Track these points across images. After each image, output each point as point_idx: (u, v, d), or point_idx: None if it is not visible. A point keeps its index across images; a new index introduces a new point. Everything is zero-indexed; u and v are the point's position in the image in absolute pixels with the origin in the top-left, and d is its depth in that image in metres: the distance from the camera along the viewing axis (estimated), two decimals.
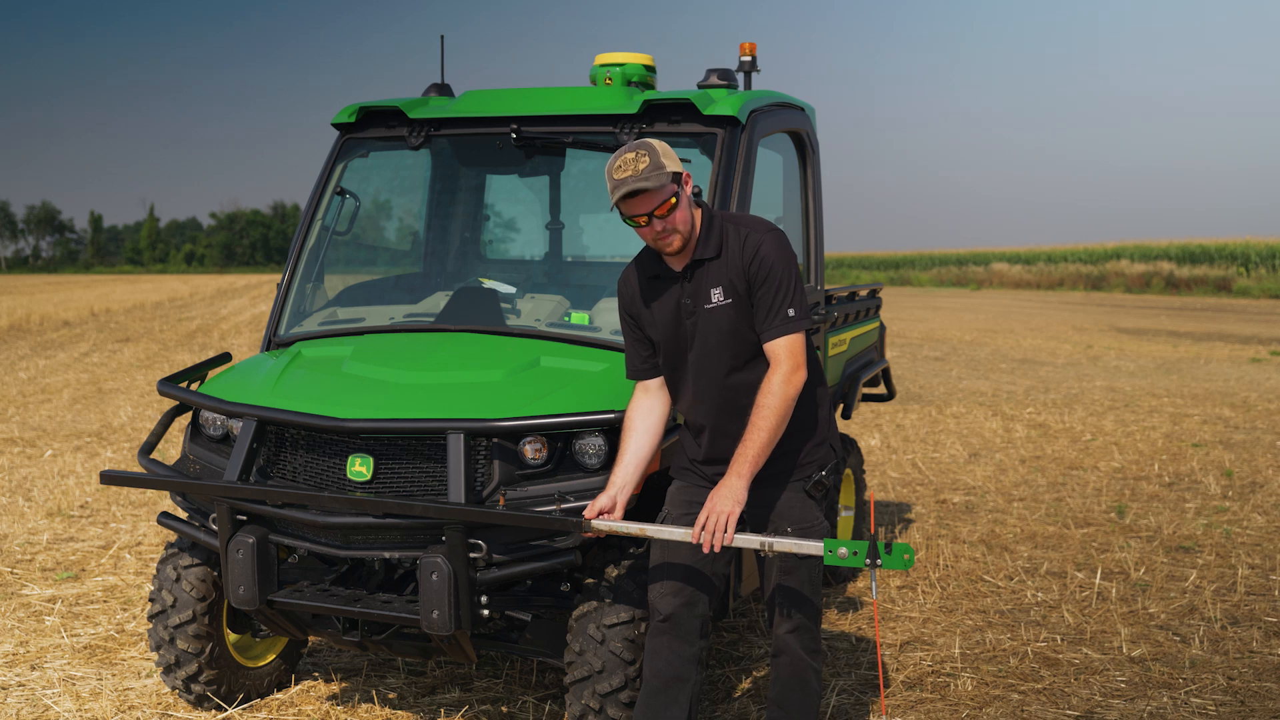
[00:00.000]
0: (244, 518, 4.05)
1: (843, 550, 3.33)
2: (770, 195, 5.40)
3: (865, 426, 11.87)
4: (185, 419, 10.58)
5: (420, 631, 3.98)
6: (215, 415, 4.38)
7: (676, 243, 3.54)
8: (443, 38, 5.67)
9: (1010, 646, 5.39)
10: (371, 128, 5.16)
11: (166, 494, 8.02)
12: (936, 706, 4.70)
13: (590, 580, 4.04)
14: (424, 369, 4.31)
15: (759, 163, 4.90)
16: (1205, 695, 4.82)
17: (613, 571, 4.02)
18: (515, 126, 4.86)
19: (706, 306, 3.58)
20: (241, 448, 4.08)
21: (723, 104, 4.70)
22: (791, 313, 3.53)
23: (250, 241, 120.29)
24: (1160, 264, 50.95)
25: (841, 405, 6.14)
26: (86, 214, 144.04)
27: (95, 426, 11.78)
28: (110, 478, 4.16)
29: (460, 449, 3.83)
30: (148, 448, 4.47)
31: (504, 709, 4.64)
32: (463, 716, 4.57)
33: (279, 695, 4.79)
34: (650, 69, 5.26)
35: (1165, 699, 4.77)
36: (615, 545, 4.10)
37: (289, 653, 4.87)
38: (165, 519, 4.36)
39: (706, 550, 3.41)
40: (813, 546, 3.37)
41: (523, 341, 4.54)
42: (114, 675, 5.01)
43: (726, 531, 3.38)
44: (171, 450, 9.93)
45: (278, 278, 25.45)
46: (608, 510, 3.60)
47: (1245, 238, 50.56)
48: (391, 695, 4.80)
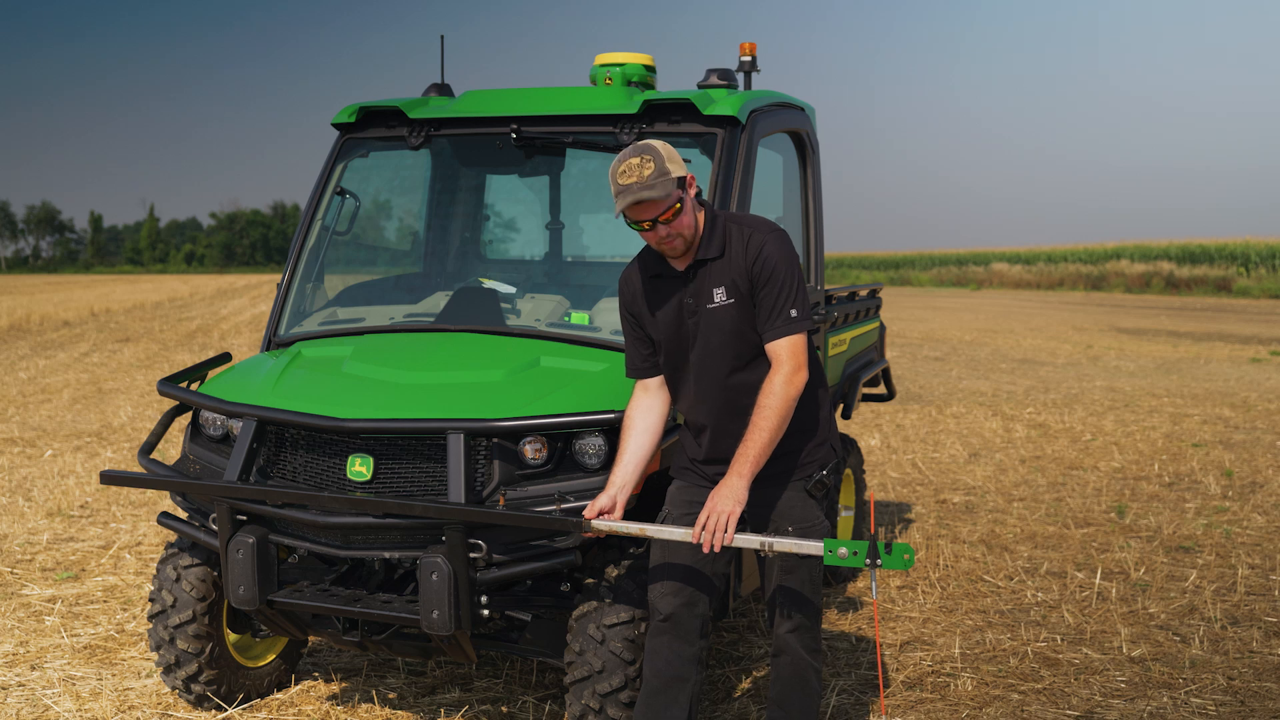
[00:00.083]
0: (244, 518, 4.05)
1: (843, 550, 3.33)
2: (770, 195, 5.40)
3: (865, 426, 11.87)
4: (185, 419, 10.58)
5: (420, 631, 3.98)
6: (215, 415, 4.38)
7: (681, 246, 3.54)
8: (443, 38, 5.67)
9: (1010, 646, 5.39)
10: (371, 128, 5.16)
11: (166, 494, 8.02)
12: (936, 706, 4.70)
13: (590, 580, 4.04)
14: (424, 369, 4.31)
15: (759, 163, 4.90)
16: (1205, 695, 4.82)
17: (613, 571, 4.02)
18: (515, 126, 4.86)
19: (709, 306, 3.58)
20: (241, 448, 4.08)
21: (723, 104, 4.70)
22: (794, 313, 3.53)
23: (250, 241, 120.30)
24: (1160, 264, 50.96)
25: (841, 405, 6.14)
26: (86, 214, 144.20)
27: (95, 426, 11.78)
28: (110, 478, 4.16)
29: (460, 449, 3.83)
30: (148, 448, 4.47)
31: (504, 709, 4.64)
32: (463, 716, 4.57)
33: (279, 695, 4.79)
34: (650, 69, 5.27)
35: (1165, 699, 4.77)
36: (615, 545, 4.10)
37: (289, 653, 4.87)
38: (165, 519, 4.37)
39: (706, 550, 3.41)
40: (813, 546, 3.37)
41: (523, 341, 4.54)
42: (114, 675, 5.01)
43: (727, 531, 3.38)
44: (171, 450, 9.93)
45: (278, 278, 25.46)
46: (608, 510, 3.59)
47: (1245, 238, 50.59)
48: (391, 695, 4.80)
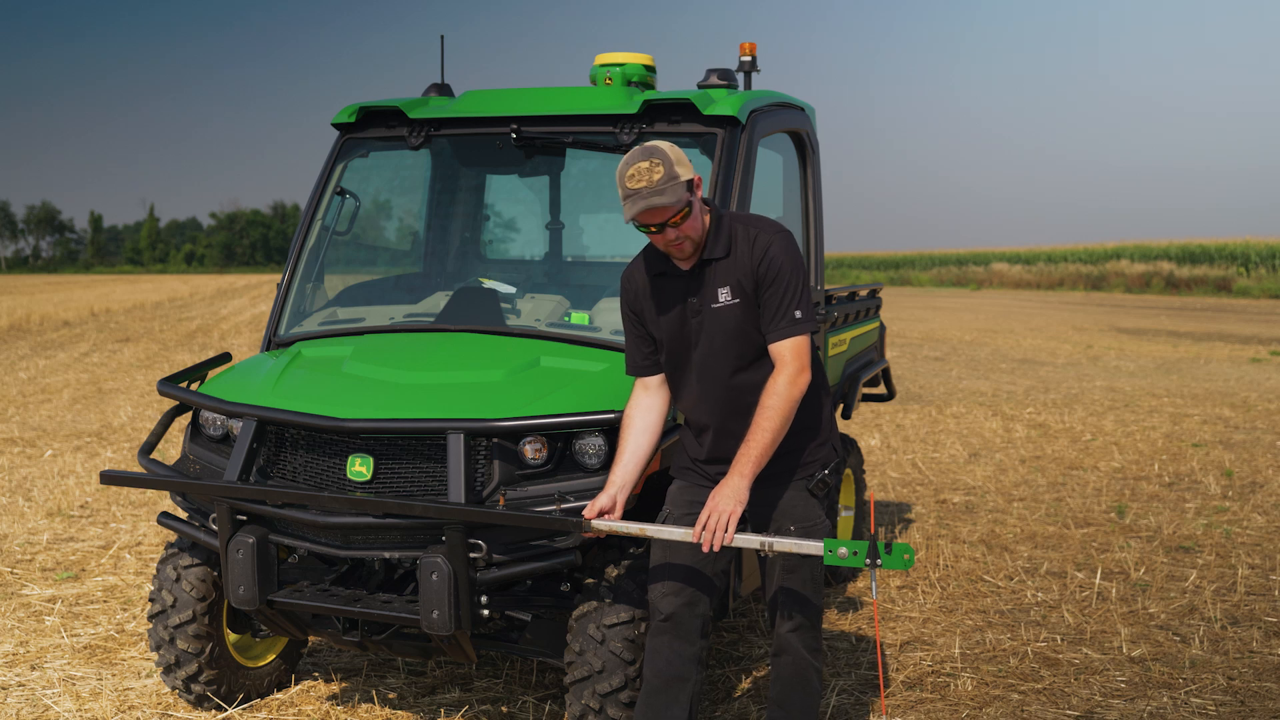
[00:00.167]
0: (244, 518, 4.05)
1: (843, 550, 3.33)
2: (770, 195, 5.40)
3: (865, 426, 11.87)
4: (185, 419, 10.58)
5: (420, 631, 3.97)
6: (215, 415, 4.38)
7: (689, 248, 3.54)
8: (443, 38, 5.67)
9: (1010, 646, 5.39)
10: (371, 128, 5.16)
11: (166, 494, 8.02)
12: (936, 706, 4.70)
13: (590, 580, 4.04)
14: (424, 369, 4.31)
15: (759, 163, 4.90)
16: (1205, 695, 4.82)
17: (613, 571, 4.02)
18: (515, 126, 4.86)
19: (713, 306, 3.57)
20: (241, 448, 4.08)
21: (723, 104, 4.70)
22: (798, 314, 3.52)
23: (250, 241, 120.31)
24: (1160, 264, 50.96)
25: (841, 405, 6.14)
26: (86, 214, 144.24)
27: (95, 426, 11.78)
28: (110, 478, 4.16)
29: (460, 449, 3.83)
30: (148, 448, 4.47)
31: (504, 709, 4.64)
32: (463, 716, 4.57)
33: (279, 695, 4.79)
34: (650, 69, 5.26)
35: (1165, 699, 4.77)
36: (615, 545, 4.10)
37: (289, 653, 4.87)
38: (165, 519, 4.37)
39: (706, 549, 3.41)
40: (813, 546, 3.36)
41: (523, 341, 4.54)
42: (114, 675, 5.01)
43: (727, 531, 3.38)
44: (171, 450, 9.93)
45: (278, 278, 25.47)
46: (607, 510, 3.59)
47: (1245, 238, 50.59)
48: (391, 695, 4.80)
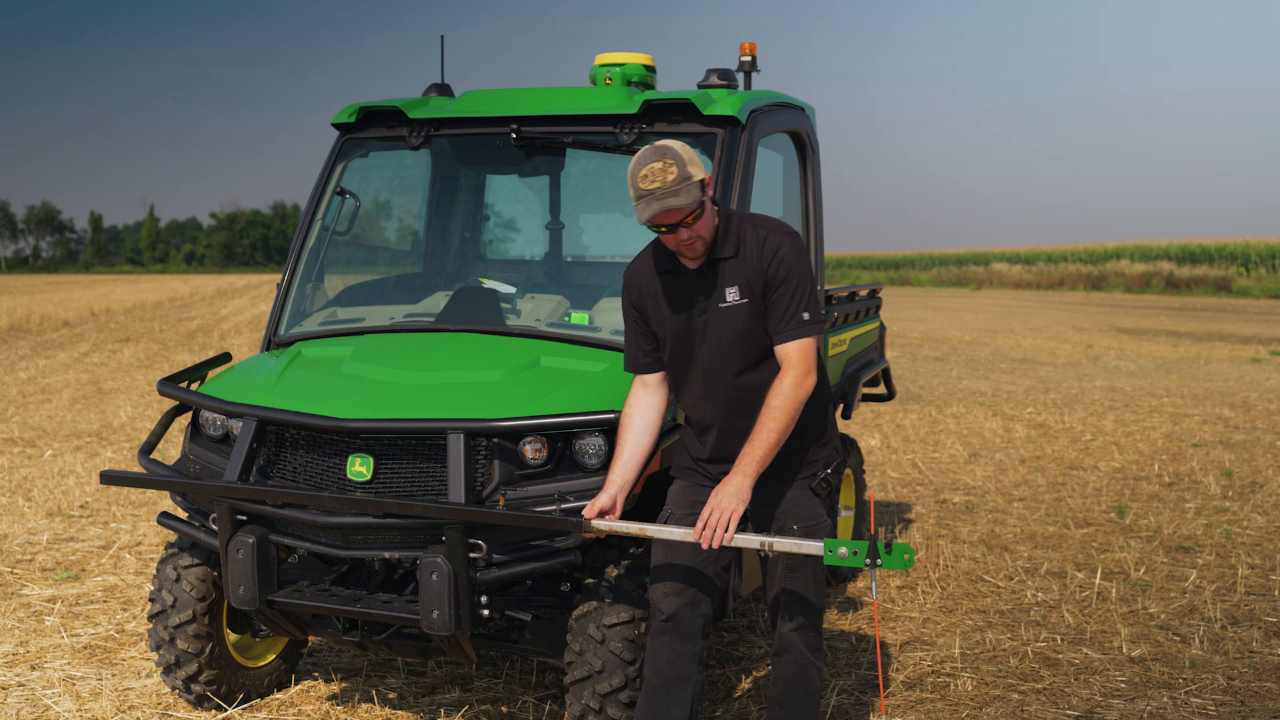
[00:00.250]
0: (244, 518, 4.05)
1: (843, 550, 3.33)
2: (770, 195, 5.40)
3: (865, 426, 11.87)
4: (185, 419, 10.58)
5: (420, 631, 3.97)
6: (215, 415, 4.38)
7: (701, 248, 3.53)
8: (443, 38, 5.67)
9: (1010, 646, 5.39)
10: (371, 128, 5.16)
11: (166, 494, 8.02)
12: (936, 706, 4.70)
13: (590, 580, 4.04)
14: (424, 369, 4.31)
15: (759, 163, 4.90)
16: (1205, 695, 4.82)
17: (613, 571, 4.02)
18: (515, 126, 4.86)
19: (721, 305, 3.56)
20: (241, 448, 4.08)
21: (723, 104, 4.70)
22: (806, 316, 3.52)
23: (250, 241, 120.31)
24: (1160, 264, 50.95)
25: (841, 405, 6.14)
26: (86, 214, 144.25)
27: (95, 426, 11.78)
28: (110, 478, 4.16)
29: (460, 449, 3.83)
30: (148, 448, 4.47)
31: (504, 709, 4.64)
32: (463, 716, 4.57)
33: (279, 695, 4.79)
34: (650, 69, 5.26)
35: (1165, 699, 4.77)
36: (615, 545, 4.10)
37: (289, 653, 4.87)
38: (165, 519, 4.37)
39: (706, 547, 3.40)
40: (813, 546, 3.36)
41: (523, 341, 4.54)
42: (114, 675, 5.01)
43: (728, 530, 3.38)
44: (171, 450, 9.93)
45: (278, 278, 25.49)
46: (607, 510, 3.59)
47: (1245, 238, 50.58)
48: (391, 695, 4.80)
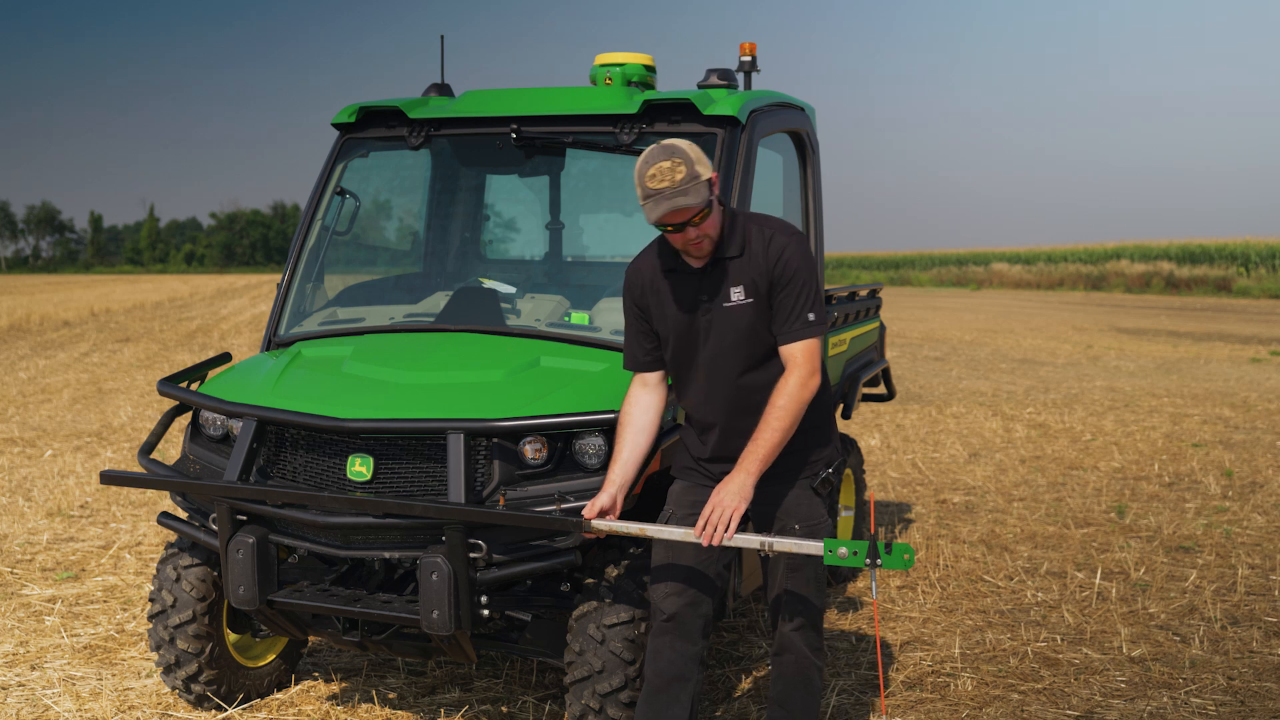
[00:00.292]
0: (244, 518, 4.05)
1: (843, 550, 3.33)
2: (770, 195, 5.40)
3: (865, 426, 11.87)
4: (185, 419, 10.58)
5: (420, 631, 3.97)
6: (215, 415, 4.38)
7: (708, 247, 3.52)
8: (443, 38, 5.67)
9: (1010, 646, 5.39)
10: (371, 128, 5.16)
11: (166, 494, 8.02)
12: (936, 706, 4.70)
13: (590, 580, 4.04)
14: (424, 369, 4.31)
15: (759, 163, 4.90)
16: (1205, 695, 4.82)
17: (613, 571, 4.02)
18: (515, 126, 4.86)
19: (725, 305, 3.56)
20: (241, 448, 4.08)
21: (723, 104, 4.70)
22: (811, 317, 3.52)
23: (250, 241, 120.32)
24: (1160, 264, 50.96)
25: (841, 405, 6.14)
26: (86, 214, 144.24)
27: (95, 426, 11.78)
28: (110, 478, 4.16)
29: (460, 449, 3.83)
30: (148, 448, 4.47)
31: (504, 709, 4.64)
32: (463, 716, 4.57)
33: (279, 695, 4.79)
34: (650, 69, 5.26)
35: (1165, 699, 4.77)
36: (615, 545, 4.10)
37: (289, 653, 4.87)
38: (165, 519, 4.37)
39: (707, 544, 3.40)
40: (812, 546, 3.36)
41: (523, 341, 4.54)
42: (114, 675, 5.01)
43: (729, 528, 3.37)
44: (171, 450, 9.93)
45: (278, 278, 25.49)
46: (607, 509, 3.59)
47: (1245, 238, 50.58)
48: (391, 695, 4.80)
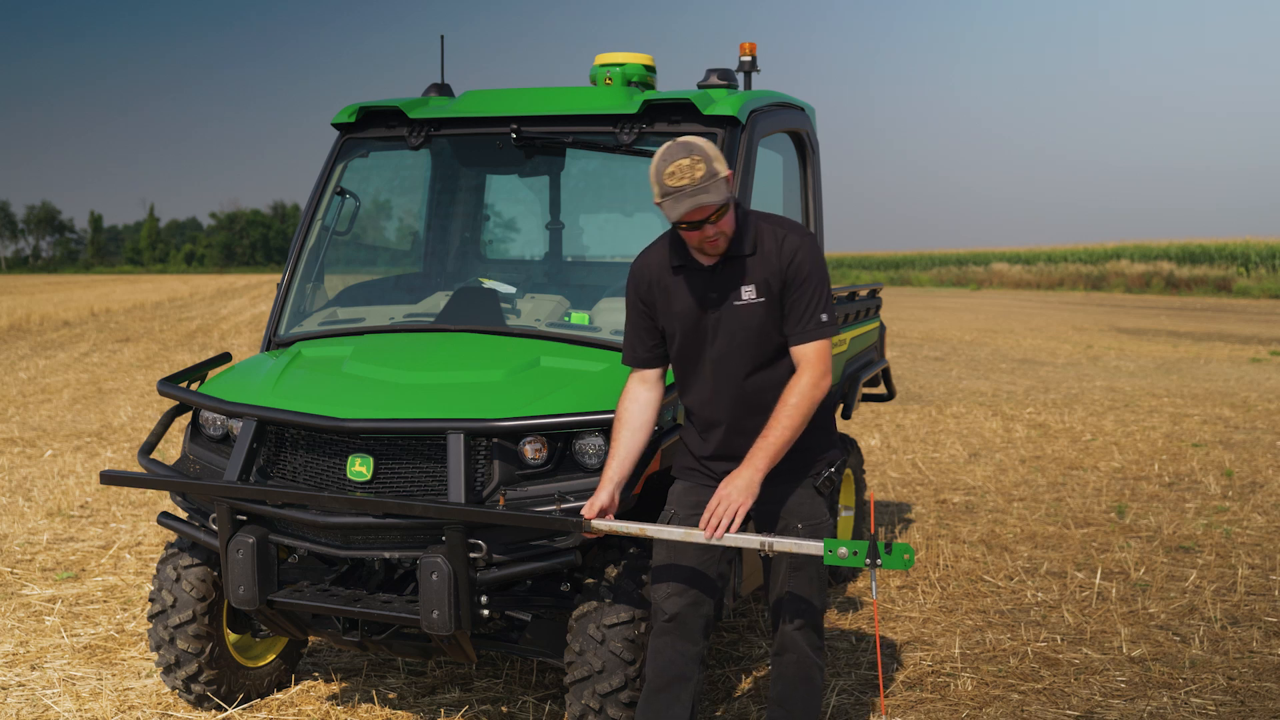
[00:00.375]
0: (244, 518, 4.05)
1: (843, 550, 3.33)
2: (770, 195, 5.40)
3: (865, 426, 11.87)
4: (185, 419, 10.59)
5: (420, 631, 3.97)
6: (215, 415, 4.38)
7: (723, 245, 3.50)
8: (443, 38, 5.67)
9: (1010, 646, 5.39)
10: (371, 128, 5.16)
11: (166, 494, 8.02)
12: (936, 706, 4.70)
13: (590, 580, 4.04)
14: (424, 369, 4.31)
15: (759, 163, 4.90)
16: (1205, 695, 4.82)
17: (613, 571, 4.02)
18: (515, 126, 4.86)
19: (736, 303, 3.54)
20: (241, 448, 4.09)
21: (723, 104, 4.70)
22: (824, 318, 3.52)
23: (250, 241, 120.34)
24: (1160, 264, 50.96)
25: (841, 405, 6.14)
26: (86, 214, 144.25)
27: (95, 426, 11.78)
28: (110, 478, 4.16)
29: (460, 449, 3.83)
30: (148, 448, 4.48)
31: (504, 709, 4.64)
32: (463, 716, 4.57)
33: (279, 695, 4.79)
34: (650, 69, 5.26)
35: (1165, 699, 4.77)
36: (615, 545, 4.10)
37: (289, 653, 4.87)
38: (165, 519, 4.37)
39: (709, 537, 3.40)
40: (812, 547, 3.36)
41: (523, 341, 4.54)
42: (114, 675, 5.01)
43: (733, 523, 3.37)
44: (171, 450, 9.93)
45: (278, 278, 25.48)
46: (607, 507, 3.59)
47: (1245, 238, 50.58)
48: (391, 695, 4.80)
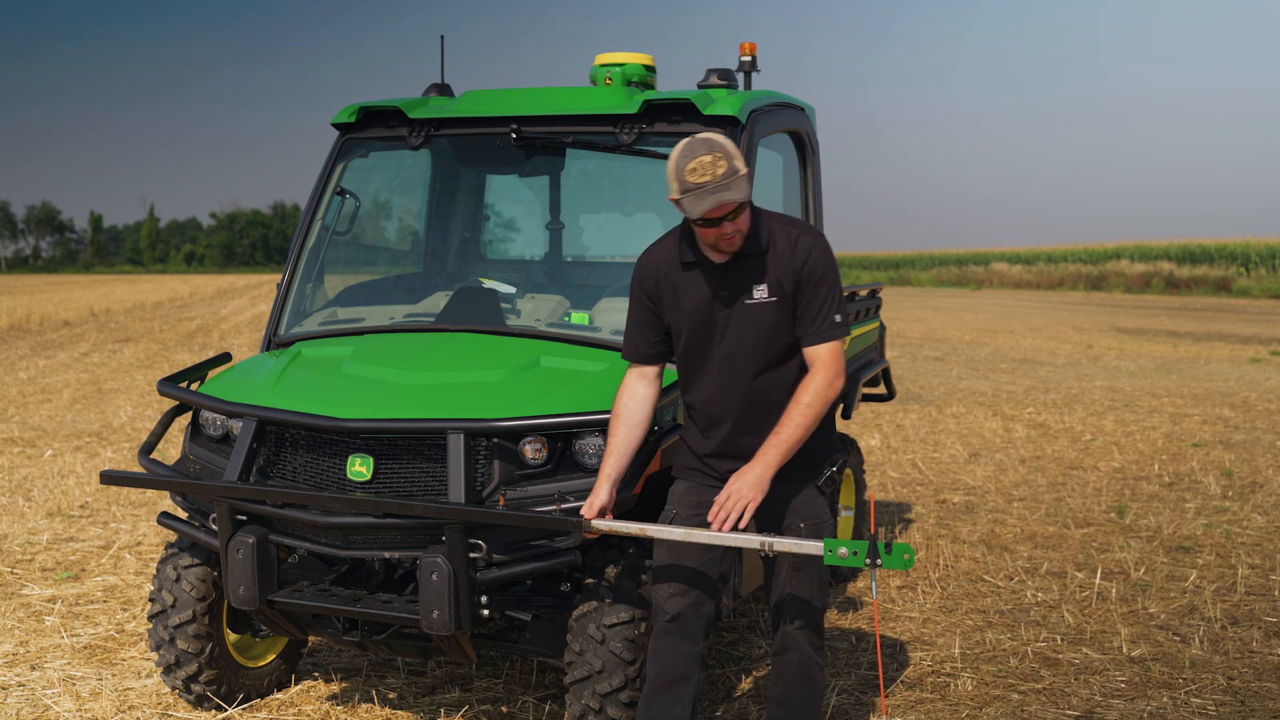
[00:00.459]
0: (244, 518, 4.05)
1: (843, 550, 3.33)
2: (770, 195, 5.40)
3: (865, 426, 11.87)
4: (185, 419, 10.59)
5: (420, 631, 3.97)
6: (215, 415, 4.38)
7: (738, 242, 3.49)
8: (443, 38, 5.67)
9: (1010, 646, 5.39)
10: (371, 128, 5.16)
11: (166, 494, 8.02)
12: (936, 706, 4.70)
13: (590, 580, 4.04)
14: (424, 369, 4.31)
15: (759, 163, 4.90)
16: (1205, 695, 4.82)
17: (613, 571, 4.02)
18: (515, 126, 4.86)
19: (747, 301, 3.53)
20: (241, 448, 4.08)
21: (723, 104, 4.70)
22: (838, 319, 3.53)
23: (250, 241, 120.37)
24: (1160, 264, 50.96)
25: (841, 405, 6.13)
26: (86, 214, 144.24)
27: (95, 426, 11.78)
28: (110, 478, 4.16)
29: (460, 449, 3.83)
30: (148, 448, 4.48)
31: (504, 709, 4.64)
32: (463, 716, 4.57)
33: (279, 695, 4.79)
34: (650, 69, 5.26)
35: (1165, 699, 4.77)
36: (615, 545, 4.10)
37: (289, 653, 4.87)
38: (165, 519, 4.37)
39: (718, 529, 3.40)
40: (812, 547, 3.36)
41: (523, 341, 4.54)
42: (114, 675, 5.01)
43: (742, 518, 3.37)
44: (171, 450, 9.93)
45: (278, 278, 25.48)
46: (606, 506, 3.59)
47: (1245, 238, 50.59)
48: (391, 695, 4.80)
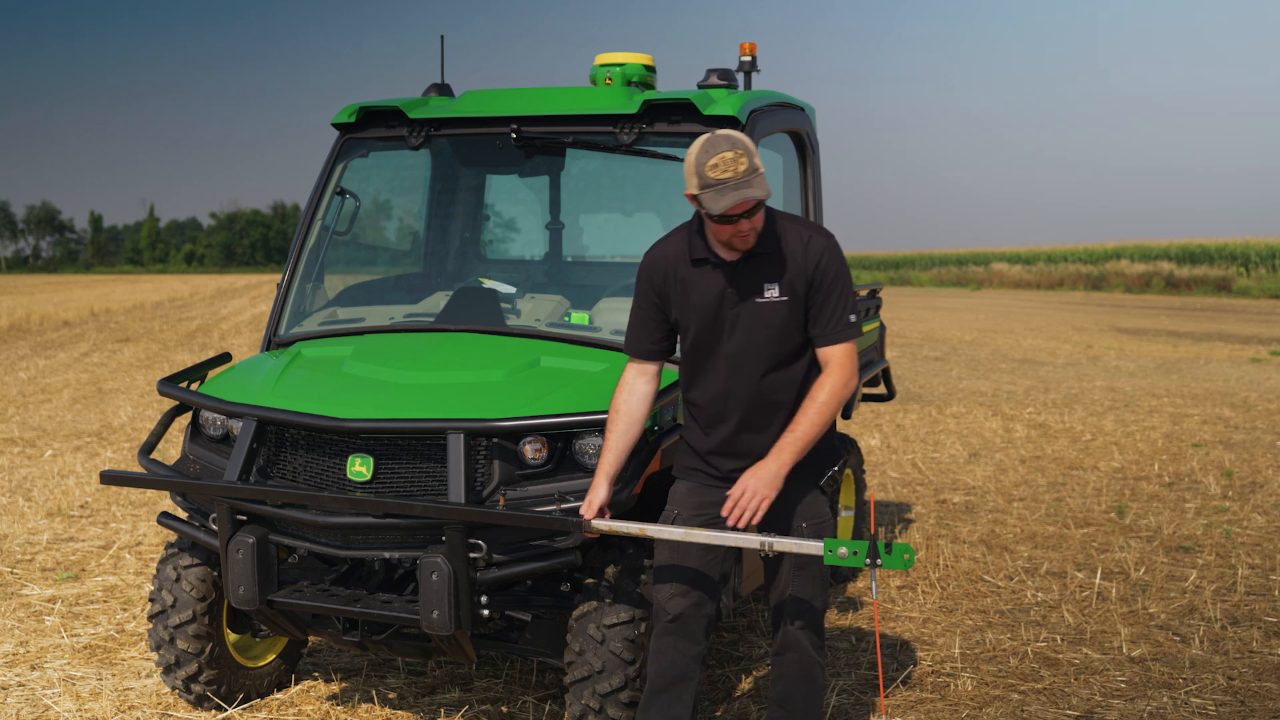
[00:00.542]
0: (244, 518, 4.05)
1: (843, 550, 3.33)
2: (771, 195, 5.39)
3: (865, 426, 11.87)
4: (185, 419, 10.59)
5: (420, 631, 3.98)
6: (215, 415, 4.38)
7: (753, 240, 3.49)
8: (443, 38, 5.67)
9: (1010, 646, 5.39)
10: (371, 128, 5.16)
11: (166, 494, 8.02)
12: (936, 706, 4.70)
13: (590, 580, 4.04)
14: (424, 369, 4.31)
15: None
16: (1205, 695, 4.82)
17: (612, 571, 4.02)
18: (515, 126, 4.86)
19: (758, 300, 3.53)
20: (241, 448, 4.08)
21: (723, 104, 4.70)
22: (852, 319, 3.54)
23: (250, 241, 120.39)
24: (1160, 264, 50.96)
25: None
26: (86, 214, 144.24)
27: (95, 426, 11.78)
28: (110, 478, 4.16)
29: (460, 449, 3.83)
30: (148, 448, 4.48)
31: (504, 709, 4.64)
32: (463, 716, 4.57)
33: (279, 695, 4.79)
34: (650, 69, 5.27)
35: (1165, 699, 4.77)
36: (615, 545, 4.10)
37: (289, 653, 4.87)
38: (165, 519, 4.37)
39: (733, 524, 3.40)
40: (812, 546, 3.36)
41: (523, 341, 4.54)
42: (114, 675, 5.01)
43: (756, 514, 3.37)
44: (171, 450, 9.93)
45: (278, 278, 25.48)
46: (605, 503, 3.59)
47: (1245, 238, 50.60)
48: (391, 695, 4.80)
